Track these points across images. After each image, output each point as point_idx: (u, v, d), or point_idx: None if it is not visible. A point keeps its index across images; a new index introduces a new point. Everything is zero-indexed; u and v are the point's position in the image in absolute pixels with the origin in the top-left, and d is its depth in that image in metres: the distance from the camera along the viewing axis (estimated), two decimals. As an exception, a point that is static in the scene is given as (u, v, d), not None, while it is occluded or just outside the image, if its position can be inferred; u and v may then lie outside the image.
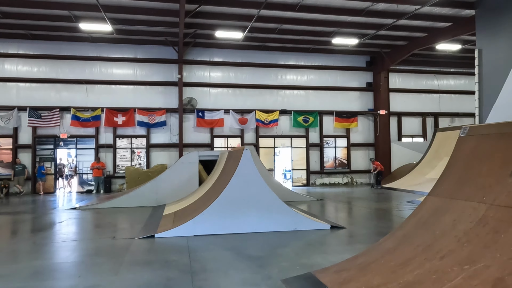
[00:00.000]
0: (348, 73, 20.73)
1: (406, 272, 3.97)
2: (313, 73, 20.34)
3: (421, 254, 4.15)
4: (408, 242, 4.57)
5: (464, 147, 4.96)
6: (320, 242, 7.10)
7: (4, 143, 17.29)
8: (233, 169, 8.06)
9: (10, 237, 8.39)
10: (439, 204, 4.74)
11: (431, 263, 3.84)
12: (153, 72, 18.51)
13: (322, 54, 20.15)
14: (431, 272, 3.70)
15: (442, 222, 4.39)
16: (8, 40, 17.19)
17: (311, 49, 19.68)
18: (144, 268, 5.38)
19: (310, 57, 20.20)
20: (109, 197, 13.95)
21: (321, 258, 5.73)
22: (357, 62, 20.85)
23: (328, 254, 6.05)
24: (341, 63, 20.54)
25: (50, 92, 17.63)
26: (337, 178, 20.41)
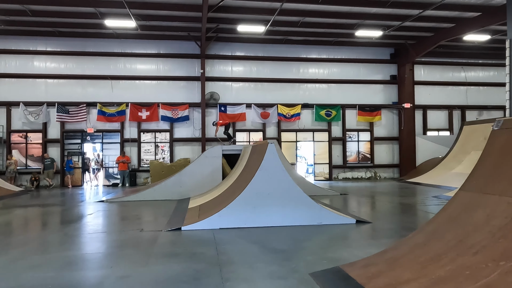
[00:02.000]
0: (371, 65, 20.39)
1: (438, 267, 3.91)
2: (335, 66, 20.10)
3: (452, 250, 4.07)
4: (438, 237, 4.49)
5: (497, 141, 4.81)
6: (346, 236, 7.07)
7: (34, 137, 17.90)
8: (258, 163, 8.09)
9: (42, 228, 8.72)
10: (471, 199, 4.63)
11: (463, 258, 3.76)
12: (176, 67, 18.71)
13: (345, 46, 19.87)
14: (464, 268, 3.63)
15: (475, 217, 4.29)
16: (37, 38, 17.71)
17: (334, 42, 19.43)
18: (172, 260, 5.49)
19: (333, 50, 19.96)
20: (135, 190, 14.26)
21: (347, 253, 5.70)
22: (381, 54, 20.47)
23: (354, 249, 6.01)
24: (364, 55, 20.21)
25: (76, 88, 18.09)
26: (360, 172, 20.18)
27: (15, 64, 17.77)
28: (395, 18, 16.07)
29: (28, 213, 10.55)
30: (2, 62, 17.68)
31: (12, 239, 7.45)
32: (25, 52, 17.79)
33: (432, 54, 19.99)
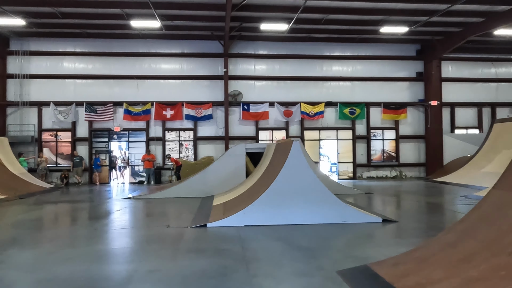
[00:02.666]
0: (396, 62, 19.98)
1: (470, 267, 3.81)
2: (359, 63, 19.82)
3: (486, 249, 3.96)
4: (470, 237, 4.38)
5: (533, 138, 4.63)
6: (372, 235, 6.97)
7: (63, 136, 18.48)
8: (282, 161, 8.09)
9: (73, 223, 9.00)
10: (505, 198, 4.49)
11: (498, 258, 3.65)
12: (200, 66, 18.90)
13: (369, 43, 19.56)
14: (498, 268, 3.52)
15: (510, 216, 4.15)
16: (66, 39, 18.26)
17: (358, 39, 19.15)
18: (199, 255, 5.56)
19: (357, 47, 19.69)
20: (160, 187, 14.50)
21: (374, 251, 5.63)
22: (407, 51, 20.03)
23: (381, 247, 5.93)
24: (389, 52, 19.83)
25: (103, 87, 18.55)
26: (385, 171, 19.84)
27: (45, 65, 18.39)
28: (422, 13, 15.69)
29: (59, 209, 10.91)
30: (34, 63, 18.32)
31: (45, 233, 7.73)
32: (55, 54, 18.38)
33: (461, 50, 19.41)
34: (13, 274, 4.77)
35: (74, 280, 4.49)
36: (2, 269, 4.99)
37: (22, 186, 13.88)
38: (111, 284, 4.42)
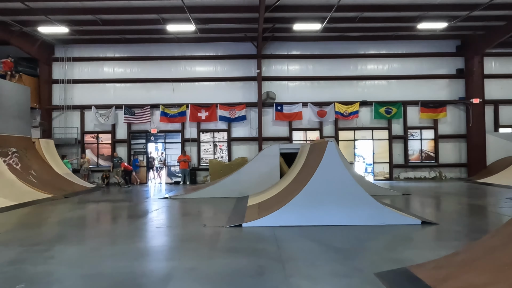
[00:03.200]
0: (435, 59, 19.30)
1: (518, 272, 3.64)
2: (395, 61, 19.32)
3: (535, 254, 3.77)
4: (518, 240, 4.17)
5: None
6: (411, 237, 6.79)
7: (104, 138, 19.27)
8: (317, 162, 8.04)
9: (114, 222, 9.37)
10: (556, 200, 4.24)
11: (549, 263, 3.47)
12: (233, 68, 19.12)
13: (405, 41, 19.03)
14: (550, 274, 3.35)
15: (561, 219, 3.93)
16: (106, 45, 19.06)
17: (394, 37, 18.68)
18: (235, 254, 5.64)
19: (393, 45, 19.21)
20: (195, 188, 14.79)
21: (414, 254, 5.48)
22: (446, 47, 19.30)
23: (422, 250, 5.77)
24: (427, 49, 19.19)
25: (141, 91, 19.18)
26: (423, 172, 19.21)
27: (87, 70, 19.26)
28: (462, 8, 15.08)
29: (101, 207, 11.40)
30: (77, 69, 19.24)
31: (89, 230, 8.11)
32: (96, 59, 19.22)
33: (505, 45, 18.45)
34: (62, 269, 5.04)
35: (117, 276, 4.69)
36: (52, 264, 5.29)
37: (67, 186, 14.59)
38: (152, 281, 4.58)
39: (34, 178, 13.58)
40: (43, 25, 16.10)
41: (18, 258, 5.52)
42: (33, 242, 6.56)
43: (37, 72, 19.00)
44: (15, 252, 5.88)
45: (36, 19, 15.84)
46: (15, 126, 14.64)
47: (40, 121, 18.63)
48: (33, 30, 16.82)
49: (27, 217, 9.53)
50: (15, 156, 13.57)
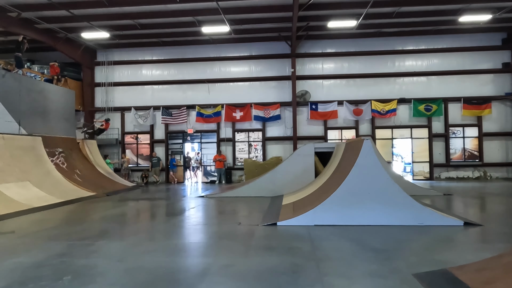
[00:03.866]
0: (478, 54, 18.40)
1: None
2: (435, 57, 18.60)
3: None
4: None
5: None
6: (452, 238, 6.53)
7: (143, 138, 19.93)
8: (353, 160, 7.91)
9: (153, 219, 9.69)
10: None
11: None
12: (267, 68, 19.17)
13: (446, 35, 18.29)
14: None
15: None
16: (144, 49, 19.71)
17: (434, 31, 18.01)
18: (270, 252, 5.67)
19: (432, 40, 18.51)
20: (231, 187, 14.98)
21: (456, 255, 5.28)
22: (490, 40, 18.35)
23: (463, 252, 5.54)
24: (469, 43, 18.33)
25: (177, 92, 19.66)
26: (466, 171, 18.37)
27: (127, 73, 20.00)
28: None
29: (140, 205, 11.81)
30: (117, 72, 20.02)
31: (129, 227, 8.44)
32: (135, 62, 19.92)
33: (557, 36, 17.32)
34: (105, 262, 5.29)
35: (157, 270, 4.86)
36: (96, 257, 5.55)
37: (108, 184, 15.24)
38: (189, 276, 4.70)
39: (78, 176, 14.28)
40: (86, 31, 16.90)
41: (65, 252, 5.84)
42: (78, 237, 6.92)
43: (80, 76, 19.97)
44: (62, 246, 6.22)
45: (79, 26, 16.65)
46: (61, 127, 15.47)
47: (84, 122, 19.54)
48: (77, 36, 17.69)
49: (73, 213, 10.05)
50: (61, 156, 14.34)
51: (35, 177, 12.04)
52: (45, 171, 12.80)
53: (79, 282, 4.39)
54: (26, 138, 12.98)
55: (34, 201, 10.69)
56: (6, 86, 12.75)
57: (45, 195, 11.43)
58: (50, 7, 14.62)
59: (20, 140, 12.59)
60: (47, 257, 5.51)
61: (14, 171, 11.38)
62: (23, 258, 5.50)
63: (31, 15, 15.32)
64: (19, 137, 12.71)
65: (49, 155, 13.58)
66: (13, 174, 11.25)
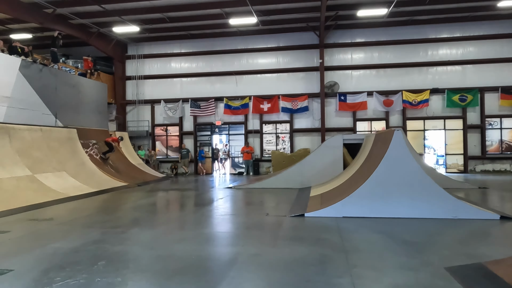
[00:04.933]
0: (518, 40, 17.48)
1: None
2: (471, 44, 17.82)
3: None
4: None
5: None
6: (487, 232, 6.31)
7: (172, 130, 20.30)
8: (383, 152, 7.75)
9: (182, 209, 9.90)
10: None
11: None
12: (295, 59, 18.99)
13: (483, 21, 17.46)
14: None
15: None
16: (173, 42, 19.97)
17: (470, 18, 17.24)
18: (298, 243, 5.68)
19: (468, 27, 17.72)
20: (258, 178, 15.04)
21: (491, 250, 5.10)
22: (532, 26, 17.38)
23: (499, 246, 5.35)
24: (508, 29, 17.42)
25: (206, 84, 19.84)
26: (503, 164, 17.60)
27: (157, 66, 20.36)
28: (552, -20, 13.48)
29: (170, 195, 12.08)
30: (147, 65, 20.42)
31: (160, 216, 8.67)
32: (164, 55, 20.23)
33: None
34: (137, 249, 5.46)
35: (187, 258, 4.97)
36: (128, 245, 5.74)
37: (139, 175, 15.66)
38: (218, 264, 4.79)
39: (111, 167, 14.76)
40: (117, 25, 17.30)
41: (99, 239, 6.07)
42: (112, 225, 7.17)
43: (112, 70, 20.50)
44: (97, 233, 6.47)
45: (111, 20, 17.06)
46: (95, 120, 16.00)
47: (116, 115, 20.12)
48: (108, 30, 18.15)
49: (106, 203, 10.42)
50: (95, 147, 14.84)
51: (71, 168, 12.54)
52: (80, 162, 13.31)
53: (113, 268, 4.57)
54: (62, 130, 13.52)
55: (70, 190, 11.16)
56: (43, 80, 13.30)
57: (80, 184, 11.89)
58: (83, 3, 15.06)
59: (56, 132, 13.13)
60: (83, 243, 5.75)
61: (51, 162, 11.90)
62: (61, 244, 5.76)
63: (65, 11, 15.83)
64: (55, 129, 13.26)
65: (84, 146, 14.09)
66: (50, 165, 11.77)
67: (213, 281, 4.12)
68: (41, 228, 7.04)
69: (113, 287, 3.95)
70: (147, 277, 4.29)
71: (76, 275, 4.30)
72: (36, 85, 12.93)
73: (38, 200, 9.63)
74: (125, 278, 4.21)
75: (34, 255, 5.23)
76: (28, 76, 12.63)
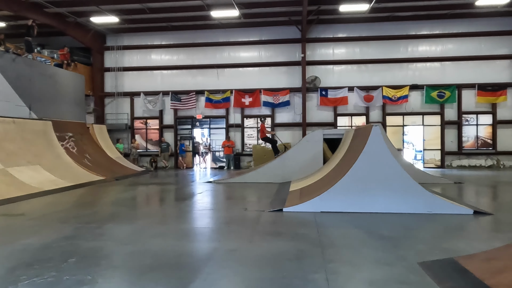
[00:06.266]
0: (495, 39, 17.84)
1: None
2: (450, 41, 18.11)
3: None
4: None
5: None
6: (461, 227, 6.43)
7: (152, 124, 20.00)
8: (361, 147, 7.79)
9: (161, 203, 9.77)
10: None
11: None
12: (277, 53, 18.93)
13: (462, 19, 17.76)
14: None
15: None
16: (154, 33, 19.60)
17: (449, 15, 17.50)
18: (275, 238, 5.65)
19: (448, 24, 18.00)
20: (239, 173, 14.98)
21: (464, 244, 5.19)
22: (508, 24, 17.75)
23: (472, 241, 5.44)
24: (486, 27, 17.77)
25: (187, 77, 19.58)
26: (478, 160, 18.05)
27: (137, 58, 19.96)
28: (528, -20, 13.78)
29: (149, 190, 11.90)
30: (127, 57, 19.99)
31: (137, 211, 8.51)
32: (144, 47, 19.84)
33: None
34: (111, 245, 5.33)
35: (163, 254, 4.88)
36: (102, 240, 5.61)
37: (118, 169, 15.37)
38: (194, 260, 4.71)
39: (88, 161, 14.42)
40: (95, 15, 16.85)
41: (73, 234, 5.90)
42: (87, 220, 6.99)
43: (90, 61, 19.99)
44: (71, 228, 6.29)
45: (88, 10, 16.60)
46: (72, 112, 15.59)
47: (94, 107, 19.67)
48: (86, 20, 17.65)
49: (82, 197, 10.17)
50: (71, 140, 14.47)
51: (46, 161, 12.19)
52: (55, 155, 12.95)
53: (84, 265, 4.43)
54: (36, 122, 13.11)
55: (45, 184, 10.84)
56: (16, 70, 12.84)
57: (56, 178, 11.58)
58: (59, -9, 14.59)
59: (31, 124, 12.73)
60: (55, 239, 5.57)
61: (25, 155, 11.53)
62: (31, 240, 5.57)
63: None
64: (30, 121, 12.84)
65: (60, 139, 13.71)
66: (24, 158, 11.41)
67: (187, 277, 4.05)
68: (11, 224, 6.81)
69: (82, 285, 3.82)
70: (118, 274, 4.19)
71: (44, 273, 4.16)
72: (9, 75, 12.47)
73: (11, 195, 9.32)
74: (95, 276, 4.09)
75: (2, 252, 5.04)
76: (0, 66, 12.17)
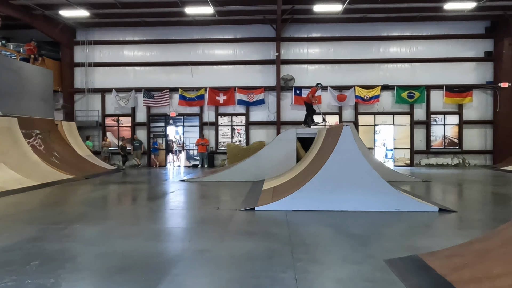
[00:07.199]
0: (462, 41, 18.52)
1: (536, 263, 3.48)
2: (420, 43, 18.65)
3: (555, 245, 3.60)
4: (538, 231, 3.99)
5: None
6: (427, 225, 6.63)
7: (124, 121, 19.58)
8: (332, 146, 7.90)
9: (132, 203, 9.57)
10: None
11: None
12: (252, 51, 18.92)
13: (431, 22, 18.32)
14: None
15: None
16: (126, 28, 19.18)
17: (419, 18, 18.01)
18: (246, 237, 5.66)
19: (417, 27, 18.52)
20: (213, 171, 14.91)
21: (429, 242, 5.35)
22: (474, 28, 18.46)
23: (437, 238, 5.62)
24: (454, 31, 18.41)
25: (160, 74, 19.28)
26: (446, 158, 18.70)
27: (108, 54, 19.47)
28: (493, -14, 14.35)
29: (120, 189, 11.65)
30: (98, 52, 19.47)
31: (107, 211, 8.33)
32: (116, 43, 19.38)
33: (538, 26, 17.51)
34: (77, 246, 5.18)
35: (131, 255, 4.78)
36: (68, 241, 5.44)
37: (88, 167, 14.96)
38: (163, 260, 4.64)
39: (56, 159, 13.96)
40: (64, 8, 16.31)
41: (37, 236, 5.70)
42: (53, 221, 6.77)
43: (59, 56, 19.34)
44: (35, 230, 6.07)
45: (57, 3, 16.05)
46: (39, 108, 15.03)
47: (63, 104, 19.07)
48: (55, 13, 17.06)
49: (49, 197, 9.84)
50: (38, 137, 13.96)
51: (11, 159, 11.71)
52: (21, 153, 12.46)
53: (47, 268, 4.28)
54: (1, 118, 12.56)
55: (10, 183, 10.42)
56: (-22, 64, 12.26)
57: (21, 177, 11.14)
58: (26, -18, 14.03)
59: (-6, 121, 12.19)
60: (18, 242, 5.36)
61: (-12, 153, 11.04)
62: (-8, 243, 5.34)
63: (6, -10, 14.68)
64: (-7, 117, 12.30)
65: (26, 136, 13.20)
66: (-13, 156, 10.92)
67: (155, 279, 3.98)
68: (-29, 225, 6.50)
69: (44, 289, 3.70)
70: (83, 277, 4.07)
71: (4, 277, 3.99)
72: (-29, 69, 11.90)
73: (-29, 195, 8.91)
74: (58, 279, 3.96)
75: (-41, 255, 4.81)
76: (-39, 59, 11.60)
